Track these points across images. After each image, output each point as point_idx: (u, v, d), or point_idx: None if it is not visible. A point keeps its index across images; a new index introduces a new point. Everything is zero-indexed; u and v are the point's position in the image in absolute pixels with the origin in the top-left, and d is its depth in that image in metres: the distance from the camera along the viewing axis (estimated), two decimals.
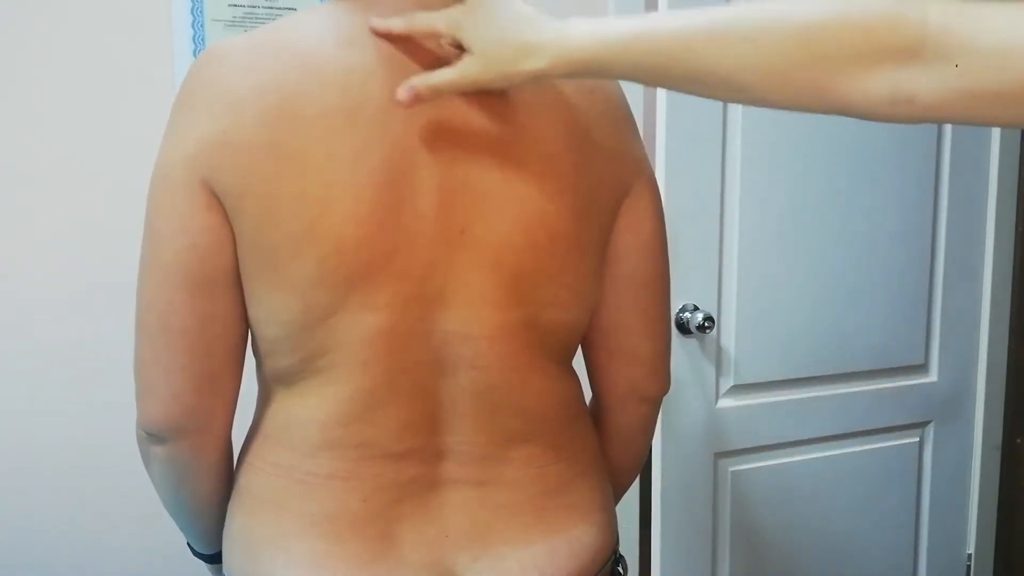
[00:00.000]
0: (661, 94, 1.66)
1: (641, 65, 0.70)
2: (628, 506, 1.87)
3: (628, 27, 0.70)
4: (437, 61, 0.77)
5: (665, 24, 0.69)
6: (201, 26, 1.47)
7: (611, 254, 0.89)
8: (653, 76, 0.71)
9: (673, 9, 0.70)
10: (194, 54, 1.46)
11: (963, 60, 0.60)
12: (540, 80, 0.76)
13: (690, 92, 0.72)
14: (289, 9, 1.52)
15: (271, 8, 1.51)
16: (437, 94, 0.75)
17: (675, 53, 0.68)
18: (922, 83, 0.62)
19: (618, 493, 1.05)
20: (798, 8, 0.65)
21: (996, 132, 1.98)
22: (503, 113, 0.80)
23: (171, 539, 1.12)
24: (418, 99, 0.74)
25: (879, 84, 0.63)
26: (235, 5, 1.49)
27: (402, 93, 0.74)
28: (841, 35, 0.64)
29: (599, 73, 0.73)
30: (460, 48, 0.76)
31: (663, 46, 0.69)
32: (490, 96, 0.79)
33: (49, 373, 1.47)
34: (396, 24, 0.77)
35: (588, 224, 0.84)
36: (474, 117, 0.79)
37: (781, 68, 0.66)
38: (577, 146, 0.82)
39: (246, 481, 0.85)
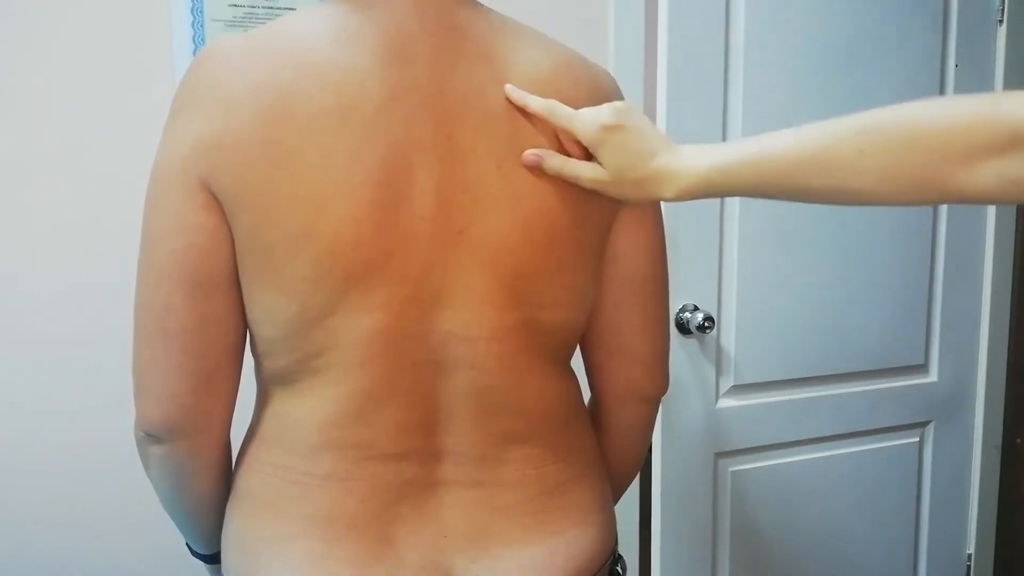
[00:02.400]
0: (661, 94, 1.66)
1: (757, 185, 0.77)
2: (628, 506, 1.87)
3: (744, 152, 0.77)
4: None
5: (777, 145, 0.76)
6: (201, 26, 1.47)
7: (609, 254, 0.89)
8: (769, 192, 0.78)
9: (780, 131, 0.77)
10: (194, 54, 1.46)
11: None
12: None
13: (806, 201, 0.79)
14: (288, 9, 1.52)
15: (271, 8, 1.51)
16: (559, 176, 0.81)
17: (789, 171, 0.75)
18: None
19: (617, 493, 1.05)
20: (900, 116, 0.71)
21: None
22: (502, 114, 0.80)
23: (170, 539, 1.12)
24: (539, 169, 0.80)
25: (987, 174, 0.68)
26: (235, 5, 1.49)
27: (530, 157, 0.80)
28: (944, 138, 0.69)
29: (718, 194, 0.81)
30: (585, 148, 0.82)
31: (777, 167, 0.76)
32: (490, 98, 0.79)
33: (48, 371, 1.47)
34: (533, 103, 0.80)
35: (586, 224, 0.84)
36: (473, 118, 0.79)
37: (892, 174, 0.72)
38: (575, 146, 0.82)
39: (244, 482, 0.85)
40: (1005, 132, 0.67)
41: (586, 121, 0.81)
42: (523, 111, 0.80)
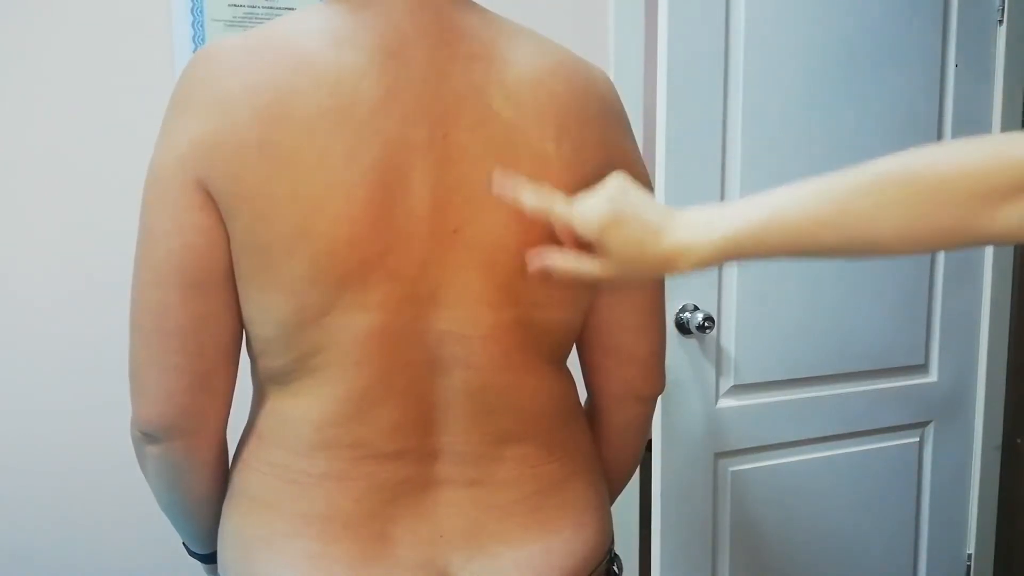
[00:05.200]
0: (661, 95, 1.66)
1: (775, 247, 0.73)
2: (628, 506, 1.87)
3: (757, 215, 0.73)
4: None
5: (792, 203, 0.72)
6: (201, 26, 1.47)
7: None
8: (788, 253, 0.74)
9: (794, 185, 0.74)
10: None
11: None
12: None
13: (826, 257, 0.75)
14: (288, 9, 1.52)
15: (270, 8, 1.51)
16: (566, 277, 0.78)
17: (807, 230, 0.71)
18: None
19: (613, 492, 1.05)
20: (913, 165, 0.69)
21: (996, 129, 1.98)
22: (497, 114, 0.80)
23: (167, 539, 1.12)
24: (545, 273, 0.78)
25: (1010, 215, 0.66)
26: (235, 5, 1.49)
27: (536, 262, 0.78)
28: (962, 184, 0.67)
29: (735, 260, 0.76)
30: (584, 240, 0.78)
31: (794, 227, 0.72)
32: (485, 98, 0.80)
33: (47, 373, 1.47)
34: (528, 201, 0.77)
35: None
36: (468, 118, 0.79)
37: (912, 224, 0.69)
38: (571, 147, 0.82)
39: (240, 481, 0.86)
40: (1021, 172, 0.65)
41: (585, 220, 0.76)
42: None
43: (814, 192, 0.72)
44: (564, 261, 0.78)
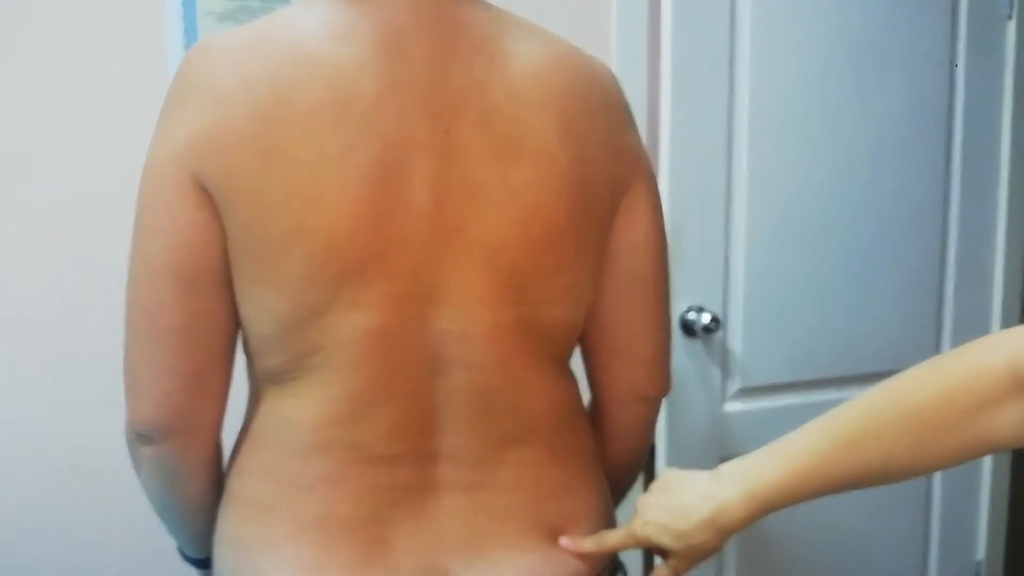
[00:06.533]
0: (665, 90, 1.64)
1: (798, 498, 0.80)
2: (632, 511, 1.85)
3: (775, 475, 0.79)
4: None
5: (802, 463, 0.78)
6: (193, 19, 1.47)
7: (610, 252, 0.89)
8: (809, 497, 0.81)
9: (809, 427, 0.82)
10: (186, 48, 1.46)
11: None
12: None
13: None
14: (283, 1, 1.51)
15: (265, 1, 1.50)
16: None
17: (824, 478, 0.78)
18: None
19: (617, 496, 1.04)
20: (899, 396, 0.75)
21: (1007, 131, 1.97)
22: (500, 109, 0.79)
23: (163, 543, 1.11)
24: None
25: (1008, 419, 0.70)
26: None
27: None
28: (949, 404, 0.72)
29: (767, 513, 0.83)
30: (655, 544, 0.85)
31: (812, 484, 0.79)
32: (487, 92, 0.79)
33: (43, 374, 1.46)
34: (587, 545, 0.85)
35: (586, 222, 0.84)
36: (470, 113, 0.78)
37: (916, 450, 0.74)
38: (575, 143, 0.82)
39: (236, 484, 0.85)
40: (1008, 378, 0.69)
41: (639, 541, 0.85)
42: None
43: (822, 443, 0.78)
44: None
